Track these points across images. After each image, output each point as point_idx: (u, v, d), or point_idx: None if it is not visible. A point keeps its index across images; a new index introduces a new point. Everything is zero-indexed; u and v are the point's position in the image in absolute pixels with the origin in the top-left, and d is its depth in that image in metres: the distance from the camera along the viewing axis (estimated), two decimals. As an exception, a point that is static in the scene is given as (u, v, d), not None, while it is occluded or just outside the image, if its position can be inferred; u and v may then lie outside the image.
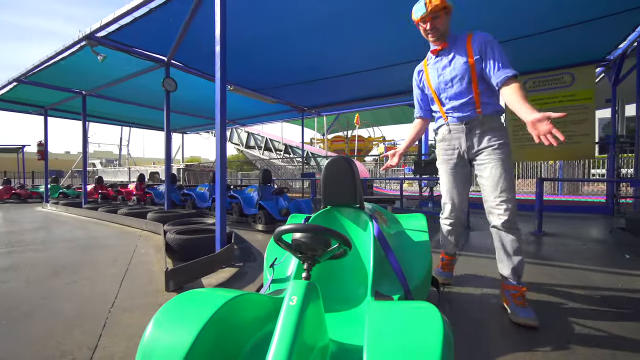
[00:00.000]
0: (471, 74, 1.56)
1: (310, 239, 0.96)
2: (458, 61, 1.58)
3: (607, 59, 4.86)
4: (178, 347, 0.74)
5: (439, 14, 1.55)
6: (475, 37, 1.56)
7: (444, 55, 1.65)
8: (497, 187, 1.53)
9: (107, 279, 2.19)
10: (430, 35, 1.60)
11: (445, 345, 0.67)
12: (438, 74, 1.66)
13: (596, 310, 1.58)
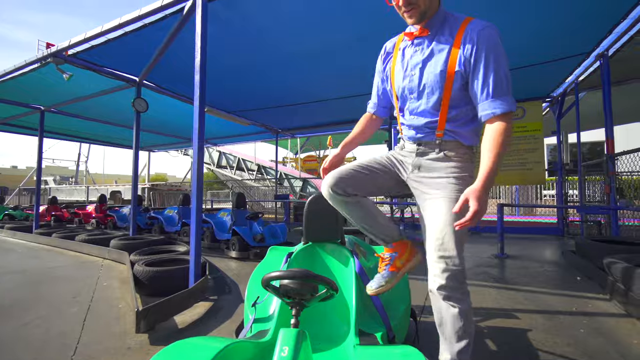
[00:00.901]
0: (444, 89, 1.08)
1: (298, 285, 0.98)
2: (433, 66, 1.08)
3: (551, 95, 5.48)
4: None
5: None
6: (472, 28, 1.03)
7: (421, 46, 1.12)
8: (440, 236, 1.05)
9: (66, 319, 2.01)
10: (406, 11, 1.07)
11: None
12: (405, 74, 1.16)
13: (557, 334, 1.71)
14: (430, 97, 1.11)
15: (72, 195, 15.39)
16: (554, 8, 2.85)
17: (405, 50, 1.18)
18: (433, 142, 1.16)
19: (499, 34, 1.03)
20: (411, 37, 1.14)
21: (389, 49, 1.27)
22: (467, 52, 1.02)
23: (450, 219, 1.04)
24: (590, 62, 4.00)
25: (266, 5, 2.76)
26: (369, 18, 2.99)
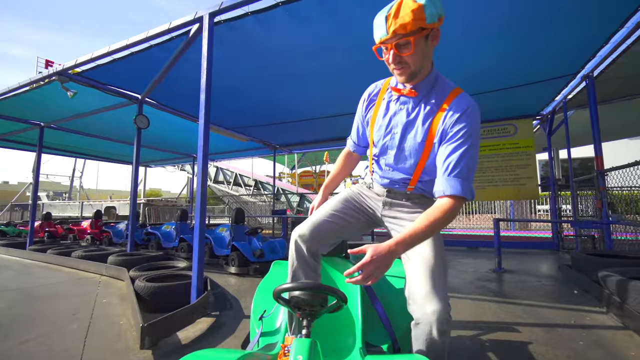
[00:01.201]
0: (421, 157, 1.11)
1: (309, 296, 1.02)
2: (415, 133, 1.09)
3: (541, 113, 5.68)
4: None
5: (409, 40, 0.96)
6: (458, 103, 1.03)
7: (406, 106, 1.11)
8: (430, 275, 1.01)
9: (67, 337, 1.99)
10: (396, 69, 1.04)
11: None
12: (386, 130, 1.15)
13: (557, 347, 1.75)
14: (408, 160, 1.13)
15: (65, 211, 15.17)
16: (542, 33, 3.02)
17: (389, 103, 1.16)
18: (403, 192, 1.21)
19: (479, 114, 1.04)
20: (398, 93, 1.11)
21: (373, 95, 1.24)
22: (447, 127, 1.02)
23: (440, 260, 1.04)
24: (577, 82, 4.19)
25: (267, 28, 2.89)
26: (365, 43, 3.13)
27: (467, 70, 3.83)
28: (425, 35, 0.98)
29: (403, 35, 0.95)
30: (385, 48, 1.01)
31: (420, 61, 1.02)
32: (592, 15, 2.73)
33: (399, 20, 0.92)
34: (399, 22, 0.93)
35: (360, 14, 2.67)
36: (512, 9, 2.67)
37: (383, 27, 0.96)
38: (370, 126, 1.22)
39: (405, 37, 0.95)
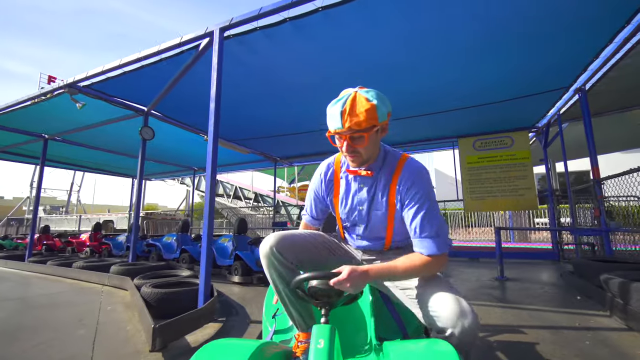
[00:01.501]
0: (388, 226, 1.21)
1: (326, 285, 1.06)
2: (377, 207, 1.18)
3: (537, 126, 5.83)
4: None
5: (361, 135, 1.05)
6: (407, 169, 1.14)
7: (365, 185, 1.19)
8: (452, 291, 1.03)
9: (74, 342, 1.98)
10: (350, 158, 1.13)
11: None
12: (352, 207, 1.23)
13: (564, 347, 1.77)
14: (377, 230, 1.22)
15: (62, 225, 15.02)
16: (535, 47, 3.17)
17: (350, 182, 1.23)
18: (380, 250, 1.30)
19: (428, 173, 1.15)
20: (355, 174, 1.19)
21: (330, 175, 1.29)
22: (403, 194, 1.12)
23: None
24: (570, 95, 4.35)
25: (274, 42, 3.01)
26: (368, 56, 3.27)
27: (465, 86, 3.98)
28: (376, 130, 1.08)
29: (357, 131, 1.04)
30: (340, 137, 1.09)
31: (371, 151, 1.13)
32: (583, 30, 2.89)
33: (354, 118, 1.01)
34: (354, 120, 1.01)
35: (364, 29, 2.81)
36: (504, 24, 2.82)
37: (338, 121, 1.04)
38: (335, 205, 1.29)
39: (359, 132, 1.04)
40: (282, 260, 1.18)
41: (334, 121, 1.05)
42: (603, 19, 2.74)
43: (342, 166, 1.26)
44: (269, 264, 1.19)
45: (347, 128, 1.02)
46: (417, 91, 4.16)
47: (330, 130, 1.10)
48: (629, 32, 2.88)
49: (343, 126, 1.03)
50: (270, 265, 1.19)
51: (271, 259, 1.18)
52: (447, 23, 2.80)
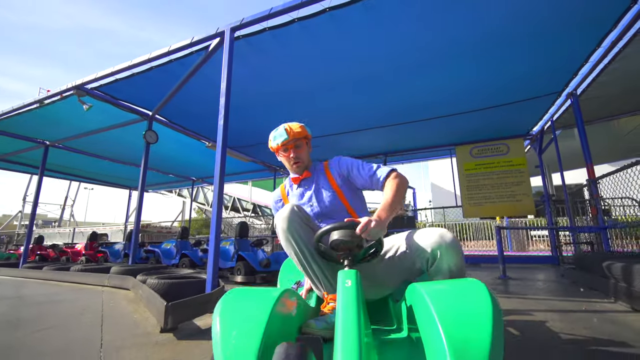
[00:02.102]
0: (340, 198, 1.44)
1: (347, 236, 1.10)
2: (324, 191, 1.46)
3: (531, 133, 6.01)
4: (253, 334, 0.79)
5: (301, 142, 1.47)
6: (331, 163, 1.52)
7: (308, 185, 1.51)
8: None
9: (81, 326, 1.95)
10: (295, 165, 1.48)
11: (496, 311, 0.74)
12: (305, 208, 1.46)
13: (573, 323, 1.79)
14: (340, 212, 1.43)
15: (54, 239, 14.69)
16: (527, 51, 3.34)
17: (295, 191, 1.55)
18: None
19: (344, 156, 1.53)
20: (296, 181, 1.55)
21: (277, 197, 1.63)
22: (336, 169, 1.48)
23: None
24: (562, 100, 4.54)
25: (280, 43, 3.13)
26: (370, 59, 3.42)
27: (455, 88, 4.12)
28: (307, 140, 1.52)
29: (298, 138, 1.46)
30: (286, 149, 1.47)
31: (307, 158, 1.52)
32: (572, 34, 3.07)
33: (295, 131, 1.45)
34: (295, 131, 1.45)
35: (369, 31, 2.96)
36: (496, 30, 2.99)
37: (284, 135, 1.44)
38: None
39: (299, 140, 1.47)
40: (303, 217, 1.23)
41: (280, 137, 1.45)
42: (591, 23, 2.93)
43: (285, 187, 1.61)
44: (289, 225, 1.22)
45: (292, 137, 1.44)
46: (416, 96, 4.31)
47: (278, 145, 1.46)
48: (615, 35, 3.07)
49: (289, 136, 1.43)
50: (292, 225, 1.22)
51: (293, 219, 1.22)
52: (437, 26, 2.96)
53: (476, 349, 0.67)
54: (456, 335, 0.70)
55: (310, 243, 1.22)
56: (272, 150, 1.53)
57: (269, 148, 1.54)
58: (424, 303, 0.84)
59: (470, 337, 0.69)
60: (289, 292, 1.02)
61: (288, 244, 1.23)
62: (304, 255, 1.23)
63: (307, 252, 1.23)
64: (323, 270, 1.24)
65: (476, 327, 0.71)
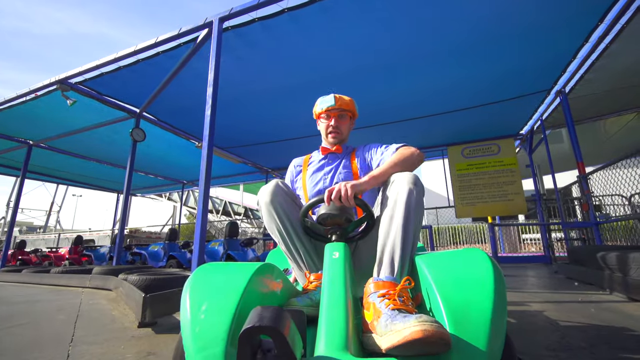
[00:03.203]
0: (353, 177, 1.38)
1: (335, 209, 1.02)
2: (344, 173, 1.39)
3: (521, 134, 6.06)
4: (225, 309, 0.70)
5: (346, 114, 1.44)
6: (359, 148, 1.48)
7: (332, 160, 1.45)
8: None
9: (54, 324, 1.82)
10: (332, 135, 1.42)
11: (497, 273, 0.69)
12: (317, 177, 1.42)
13: (570, 312, 1.73)
14: None
15: (37, 246, 14.24)
16: (516, 48, 3.35)
17: (318, 160, 1.48)
18: None
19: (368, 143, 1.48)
20: (325, 152, 1.48)
21: (299, 163, 1.57)
22: (361, 153, 1.42)
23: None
24: (552, 99, 4.58)
25: (271, 37, 3.09)
26: (365, 51, 3.39)
27: (445, 86, 4.11)
28: (351, 116, 1.48)
29: (344, 110, 1.43)
30: (328, 116, 1.43)
31: (347, 132, 1.48)
32: (560, 30, 3.09)
33: (343, 101, 1.42)
34: (343, 102, 1.42)
35: (362, 23, 2.93)
36: (482, 25, 2.99)
37: (332, 101, 1.40)
38: (303, 180, 1.48)
39: (345, 111, 1.43)
40: (289, 193, 1.15)
41: (327, 102, 1.41)
42: (578, 17, 2.95)
43: (311, 157, 1.55)
44: (273, 197, 1.12)
45: (338, 105, 1.39)
46: (406, 93, 4.29)
47: (322, 110, 1.42)
48: (602, 31, 3.10)
49: (335, 104, 1.39)
50: (275, 198, 1.12)
51: (278, 192, 1.12)
52: (426, 22, 2.95)
53: (477, 312, 0.60)
54: (455, 299, 0.64)
55: (294, 219, 1.13)
56: (315, 116, 1.50)
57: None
58: (422, 274, 0.78)
59: (470, 300, 0.62)
60: (269, 267, 0.92)
61: (270, 219, 1.12)
62: (286, 232, 1.13)
63: (290, 228, 1.12)
64: (307, 248, 1.15)
65: (476, 291, 0.64)
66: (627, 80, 4.12)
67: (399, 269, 0.84)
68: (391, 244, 0.87)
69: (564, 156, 7.16)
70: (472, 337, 0.56)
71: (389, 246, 0.88)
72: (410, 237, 0.88)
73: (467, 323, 0.59)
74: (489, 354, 0.55)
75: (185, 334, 0.66)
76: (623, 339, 1.29)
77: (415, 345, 0.53)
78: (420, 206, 0.92)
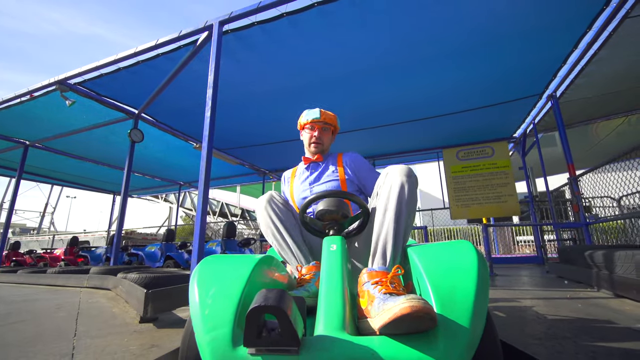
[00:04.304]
0: (340, 185, 1.44)
1: (333, 205, 1.08)
2: (328, 178, 1.47)
3: (515, 136, 6.18)
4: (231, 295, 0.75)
5: (329, 128, 1.55)
6: (346, 155, 1.53)
7: (315, 168, 1.54)
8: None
9: (55, 320, 1.85)
10: (314, 145, 1.52)
11: (481, 262, 0.75)
12: (304, 189, 1.51)
13: (558, 308, 1.80)
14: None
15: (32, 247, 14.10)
16: (507, 53, 3.45)
17: (303, 172, 1.58)
18: None
19: (360, 154, 1.54)
20: (307, 162, 1.57)
21: (288, 175, 1.69)
22: (349, 167, 1.47)
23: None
24: (543, 103, 4.69)
25: (270, 37, 3.14)
26: (362, 55, 3.46)
27: (438, 90, 4.20)
28: (333, 130, 1.60)
29: (327, 123, 1.55)
30: (312, 127, 1.54)
31: (328, 143, 1.58)
32: (551, 35, 3.19)
33: (328, 116, 1.55)
34: (328, 116, 1.55)
35: (359, 27, 3.00)
36: (476, 30, 3.08)
37: (317, 114, 1.53)
38: (290, 189, 1.60)
39: (328, 125, 1.55)
40: (282, 201, 1.27)
41: (313, 114, 1.53)
42: (568, 24, 3.05)
43: (298, 168, 1.64)
44: (268, 204, 1.25)
45: (322, 119, 1.52)
46: (401, 97, 4.38)
47: (308, 121, 1.53)
48: (591, 37, 3.21)
49: (320, 117, 1.52)
50: (270, 206, 1.25)
51: (273, 199, 1.26)
52: (432, 28, 3.04)
53: (462, 295, 0.66)
54: (442, 284, 0.69)
55: (285, 218, 1.24)
56: (300, 127, 1.60)
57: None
58: (414, 264, 0.83)
59: (456, 285, 0.68)
60: (270, 258, 0.98)
61: (266, 218, 1.23)
62: (279, 237, 1.22)
63: (281, 227, 1.22)
64: (300, 246, 1.21)
65: (462, 277, 0.70)
66: (616, 86, 4.24)
67: (391, 259, 0.90)
68: (384, 236, 0.93)
69: (557, 159, 7.28)
70: (456, 316, 0.62)
71: (382, 238, 0.94)
72: (402, 230, 0.94)
73: (452, 304, 0.64)
74: (472, 330, 0.61)
75: (194, 317, 0.71)
76: (605, 330, 1.36)
77: (405, 321, 0.59)
78: (412, 198, 0.99)
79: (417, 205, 1.03)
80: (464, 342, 0.59)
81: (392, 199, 0.97)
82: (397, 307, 0.59)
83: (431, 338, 0.61)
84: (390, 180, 1.01)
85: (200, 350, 0.65)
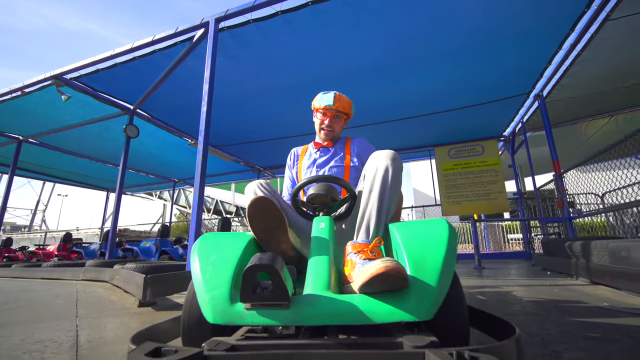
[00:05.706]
0: (344, 175, 1.46)
1: (323, 189, 1.17)
2: (334, 163, 1.49)
3: (504, 135, 6.34)
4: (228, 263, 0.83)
5: (342, 116, 1.53)
6: (355, 141, 1.55)
7: (324, 153, 1.55)
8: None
9: (54, 307, 1.91)
10: (325, 132, 1.53)
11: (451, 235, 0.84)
12: (311, 168, 1.53)
13: (536, 293, 1.92)
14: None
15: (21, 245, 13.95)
16: (495, 53, 3.56)
17: (312, 153, 1.59)
18: None
19: (367, 140, 1.58)
20: (317, 146, 1.58)
21: (296, 153, 1.68)
22: (356, 148, 1.51)
23: None
24: (531, 102, 4.83)
25: (265, 35, 3.21)
26: (355, 54, 3.56)
27: (430, 88, 4.31)
28: (346, 118, 1.58)
29: (340, 111, 1.51)
30: (324, 113, 1.52)
31: (339, 131, 1.57)
32: (536, 36, 3.31)
33: (342, 103, 1.50)
34: (342, 104, 1.50)
35: (352, 27, 3.09)
36: (467, 31, 3.19)
37: (331, 100, 1.49)
38: (299, 169, 1.61)
39: (341, 113, 1.52)
40: (270, 189, 1.29)
41: (327, 100, 1.50)
42: (553, 26, 3.17)
43: (308, 148, 1.65)
44: (257, 189, 1.24)
45: (336, 107, 1.48)
46: (397, 93, 4.48)
47: (320, 107, 1.51)
48: (574, 38, 3.34)
49: (334, 104, 1.48)
50: (259, 189, 1.24)
51: (262, 187, 1.26)
52: (424, 28, 3.14)
53: (431, 259, 0.75)
54: (416, 252, 0.79)
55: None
56: (313, 108, 1.58)
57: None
58: (394, 238, 0.92)
59: (427, 252, 0.78)
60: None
61: None
62: None
63: None
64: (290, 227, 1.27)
65: (432, 245, 0.79)
66: (600, 86, 4.39)
67: (374, 234, 0.99)
68: (368, 213, 1.03)
69: (546, 159, 7.45)
70: (426, 277, 0.72)
71: (366, 215, 1.03)
72: (385, 208, 1.03)
73: (423, 267, 0.74)
74: (439, 289, 0.70)
75: (196, 280, 0.79)
76: (575, 309, 1.47)
77: (380, 280, 0.68)
78: (396, 179, 1.08)
79: (400, 186, 1.13)
80: (432, 298, 0.69)
81: (377, 180, 1.06)
82: (374, 267, 0.68)
83: (404, 295, 0.70)
84: (377, 163, 1.10)
85: (202, 308, 0.74)
